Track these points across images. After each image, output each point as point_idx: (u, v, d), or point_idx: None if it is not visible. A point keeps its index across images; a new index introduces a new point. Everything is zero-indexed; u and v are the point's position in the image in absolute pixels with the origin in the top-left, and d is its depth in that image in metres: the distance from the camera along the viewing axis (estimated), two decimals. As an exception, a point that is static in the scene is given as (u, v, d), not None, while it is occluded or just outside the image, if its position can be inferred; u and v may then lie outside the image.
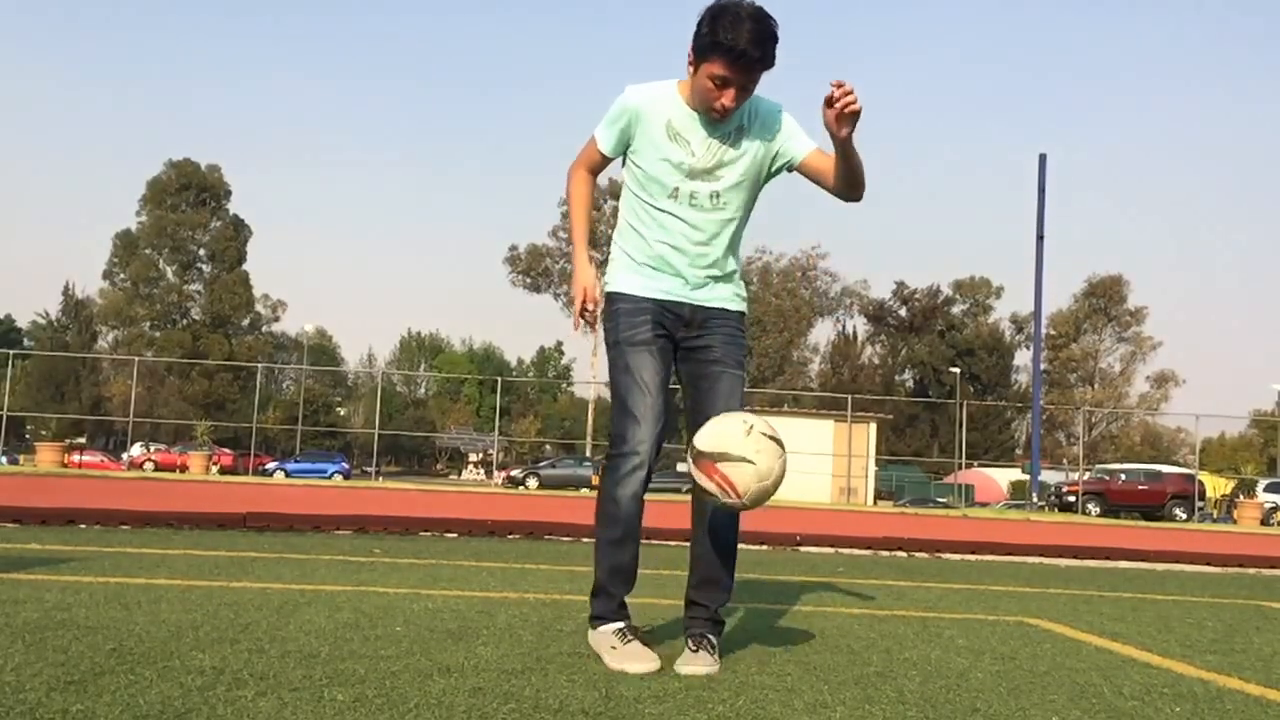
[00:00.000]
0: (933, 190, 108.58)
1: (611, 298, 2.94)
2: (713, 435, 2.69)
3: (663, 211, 2.88)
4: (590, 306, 2.93)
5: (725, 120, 2.84)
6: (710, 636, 2.86)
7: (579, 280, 2.94)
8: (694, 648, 2.80)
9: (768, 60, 2.71)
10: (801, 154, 2.92)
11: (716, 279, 2.94)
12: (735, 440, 2.64)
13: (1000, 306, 76.36)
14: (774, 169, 2.95)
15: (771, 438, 2.67)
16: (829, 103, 2.69)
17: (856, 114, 2.69)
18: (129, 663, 2.46)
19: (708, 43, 2.70)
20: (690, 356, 2.94)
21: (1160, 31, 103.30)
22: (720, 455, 2.64)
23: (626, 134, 2.90)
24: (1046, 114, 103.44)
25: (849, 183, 2.87)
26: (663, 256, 2.89)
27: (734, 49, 2.66)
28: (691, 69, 2.79)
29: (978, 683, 2.80)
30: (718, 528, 2.93)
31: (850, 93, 2.66)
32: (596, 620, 2.89)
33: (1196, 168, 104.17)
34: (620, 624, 2.83)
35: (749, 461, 2.62)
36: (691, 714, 2.26)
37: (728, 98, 2.75)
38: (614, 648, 2.77)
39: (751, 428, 2.66)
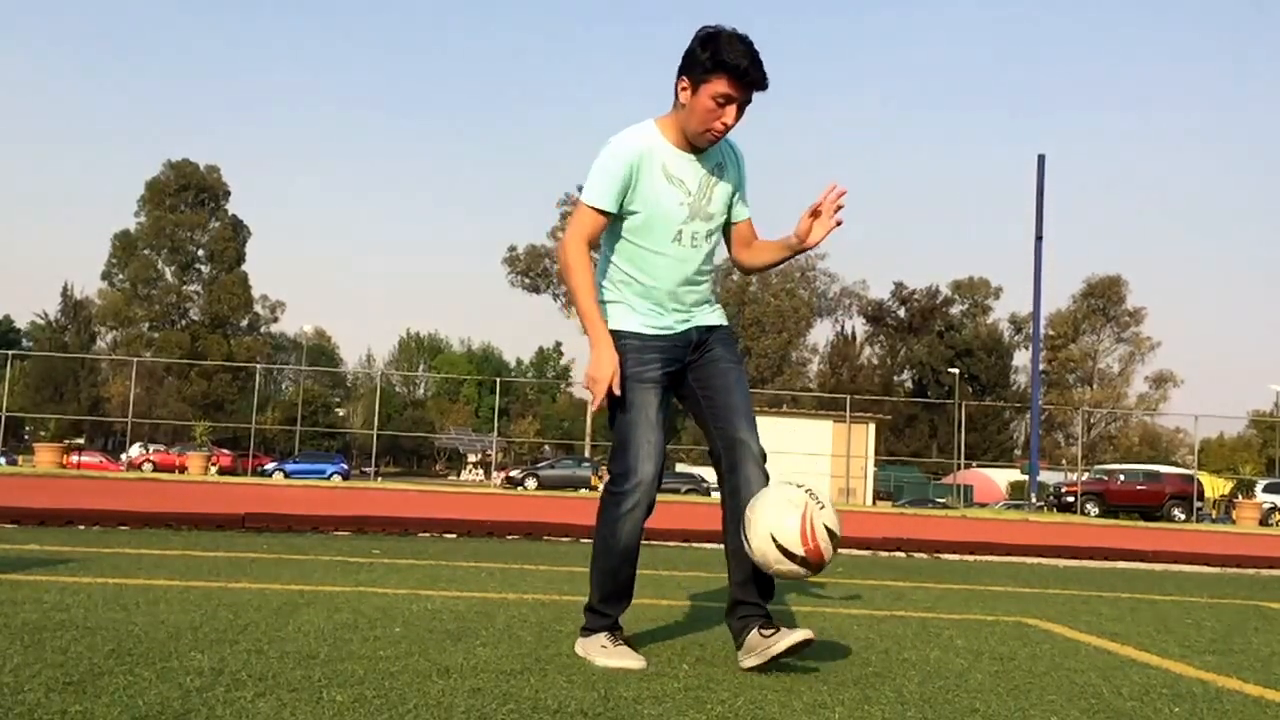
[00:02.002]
0: (932, 190, 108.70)
1: (616, 334, 2.91)
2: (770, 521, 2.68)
3: (662, 255, 2.90)
4: (617, 391, 2.84)
5: (715, 143, 2.89)
6: (774, 621, 2.87)
7: (604, 362, 2.83)
8: (770, 631, 2.79)
9: (765, 79, 2.80)
10: (740, 218, 3.07)
11: (708, 306, 3.03)
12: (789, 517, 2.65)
13: (999, 307, 76.42)
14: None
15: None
16: (815, 212, 2.86)
17: (838, 224, 2.89)
18: (128, 663, 2.46)
19: (710, 62, 2.76)
20: (697, 366, 2.98)
21: (1159, 31, 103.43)
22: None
23: (627, 188, 2.86)
24: (1046, 114, 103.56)
25: (757, 268, 3.11)
26: (663, 302, 2.92)
27: (738, 67, 2.75)
28: (687, 92, 2.81)
29: (976, 683, 2.80)
30: None
31: (843, 195, 2.86)
32: (588, 631, 2.93)
33: (1196, 168, 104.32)
34: (612, 631, 2.90)
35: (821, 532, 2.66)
36: (690, 714, 2.26)
37: (729, 115, 2.81)
38: (604, 647, 2.83)
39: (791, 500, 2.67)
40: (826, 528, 2.66)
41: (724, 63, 2.74)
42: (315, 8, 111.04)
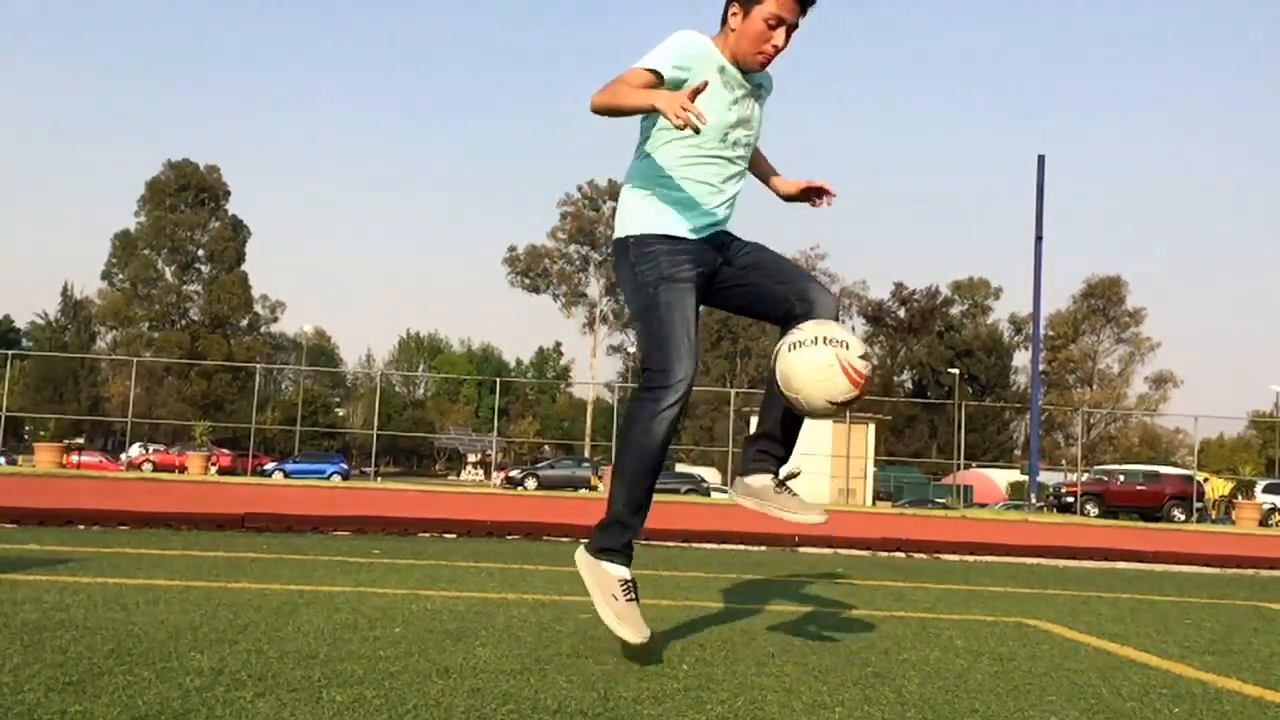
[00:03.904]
0: (932, 191, 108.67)
1: (644, 240, 2.90)
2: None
3: (712, 157, 2.92)
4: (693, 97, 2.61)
5: (765, 67, 2.95)
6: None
7: (662, 95, 2.61)
8: (782, 491, 2.94)
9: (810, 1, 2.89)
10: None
11: (731, 219, 3.06)
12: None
13: (999, 307, 76.61)
14: None
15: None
16: (817, 192, 3.13)
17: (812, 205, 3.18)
18: (127, 663, 2.46)
19: None
20: (732, 263, 2.99)
21: (1159, 32, 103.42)
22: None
23: (687, 75, 2.84)
24: (1045, 114, 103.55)
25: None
26: (700, 198, 2.92)
27: None
28: (738, 16, 2.88)
29: (976, 684, 2.80)
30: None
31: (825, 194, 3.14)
32: (604, 553, 2.86)
33: (1196, 167, 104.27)
34: (627, 574, 2.85)
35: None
36: (690, 715, 2.26)
37: (779, 37, 2.88)
38: (615, 597, 2.79)
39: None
40: (861, 358, 2.71)
41: None
42: (316, 7, 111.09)
